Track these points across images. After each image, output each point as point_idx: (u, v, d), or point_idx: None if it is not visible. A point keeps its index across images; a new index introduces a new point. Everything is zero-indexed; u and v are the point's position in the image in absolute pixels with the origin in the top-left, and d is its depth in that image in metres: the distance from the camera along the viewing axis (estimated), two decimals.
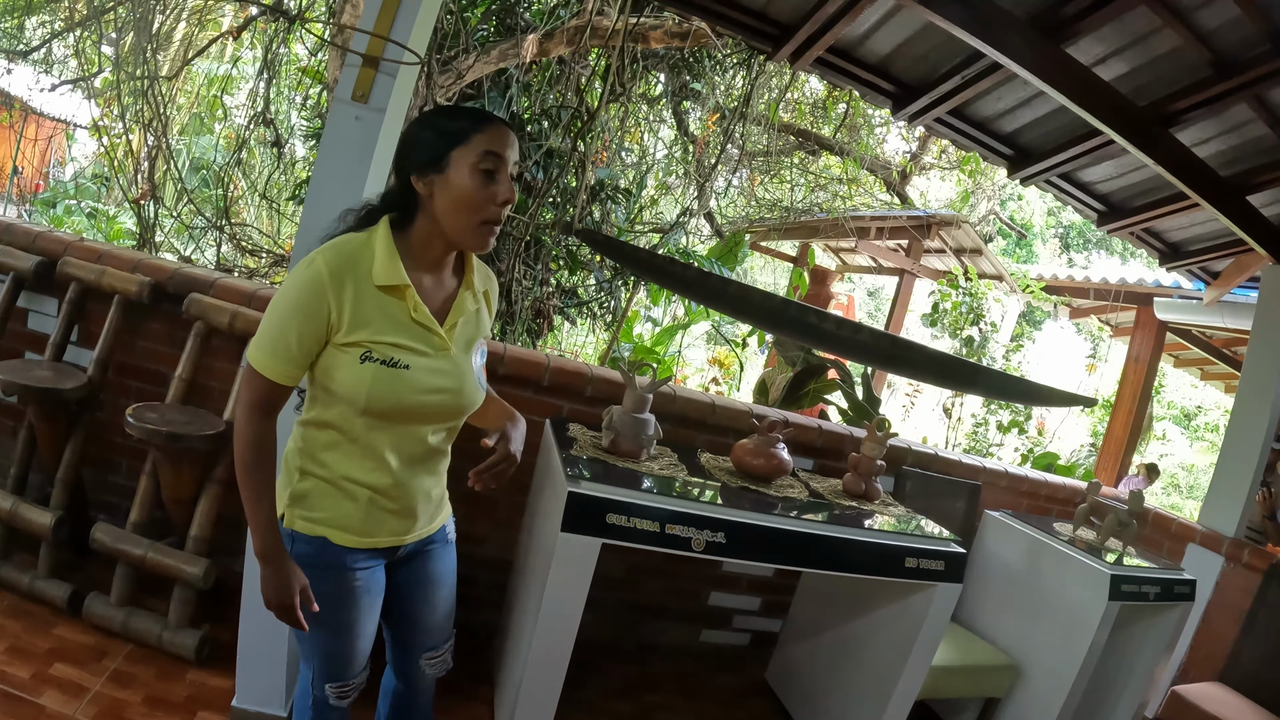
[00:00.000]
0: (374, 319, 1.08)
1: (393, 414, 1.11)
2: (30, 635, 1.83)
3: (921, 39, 2.38)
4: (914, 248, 6.79)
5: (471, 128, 1.08)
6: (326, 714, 1.31)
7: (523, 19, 3.13)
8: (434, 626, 1.34)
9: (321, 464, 1.14)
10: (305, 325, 1.06)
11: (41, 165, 7.15)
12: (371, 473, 1.15)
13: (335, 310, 1.06)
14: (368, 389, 1.07)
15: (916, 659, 1.92)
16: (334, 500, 1.15)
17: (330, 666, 1.24)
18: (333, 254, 1.07)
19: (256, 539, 1.11)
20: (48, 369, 2.03)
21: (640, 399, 1.87)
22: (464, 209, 1.08)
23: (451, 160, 1.07)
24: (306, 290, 1.05)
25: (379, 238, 1.10)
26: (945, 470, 2.74)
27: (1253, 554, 2.71)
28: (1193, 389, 11.33)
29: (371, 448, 1.14)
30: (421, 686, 1.39)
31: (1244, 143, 2.40)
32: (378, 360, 1.08)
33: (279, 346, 1.07)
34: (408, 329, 1.11)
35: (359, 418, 1.11)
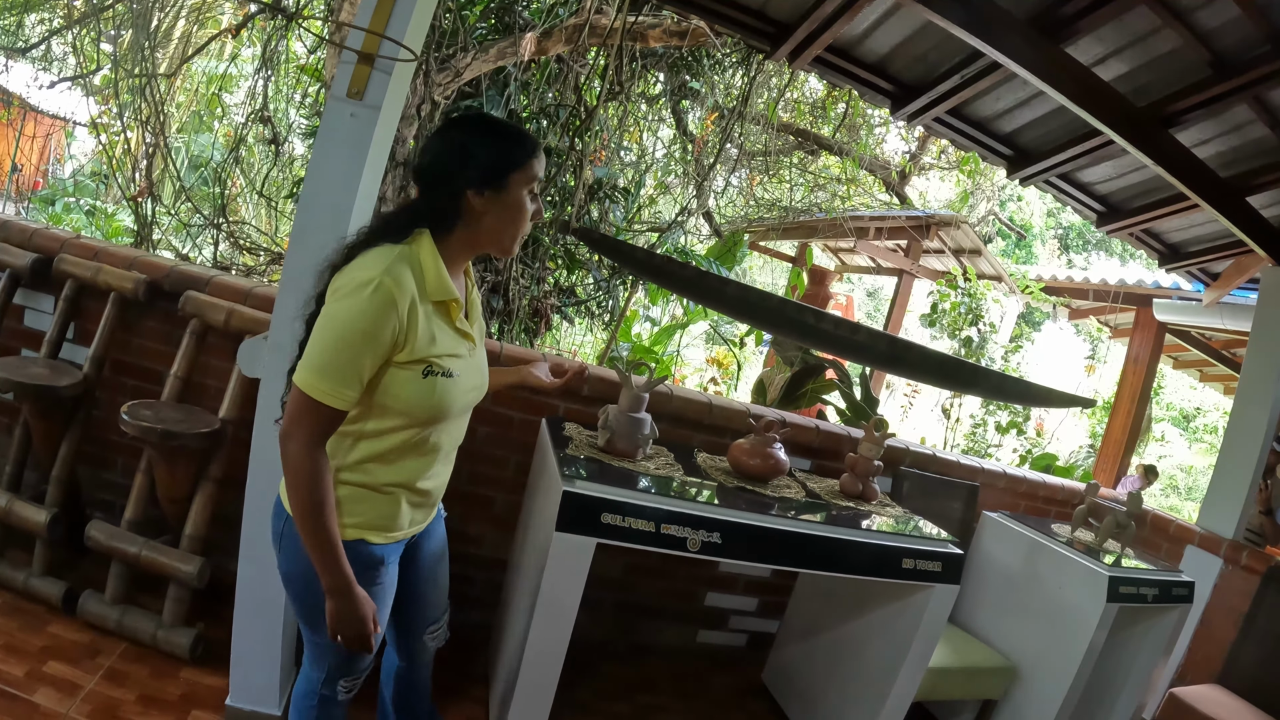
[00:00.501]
0: (432, 335, 1.12)
1: (445, 416, 1.17)
2: (24, 633, 1.83)
3: (920, 38, 2.38)
4: (913, 248, 6.79)
5: (530, 153, 1.16)
6: (331, 711, 1.33)
7: (521, 17, 3.13)
8: (435, 600, 1.44)
9: (361, 471, 1.17)
10: (375, 352, 1.06)
11: (40, 163, 7.14)
12: (413, 474, 1.20)
13: (403, 331, 1.08)
14: (433, 401, 1.12)
15: (913, 660, 1.91)
16: (371, 503, 1.18)
17: (350, 664, 1.28)
18: (395, 275, 1.07)
19: (327, 575, 1.11)
20: (43, 366, 2.03)
21: (636, 398, 1.86)
22: (514, 226, 1.17)
23: (510, 182, 1.14)
24: (379, 316, 1.05)
25: (426, 252, 1.13)
26: (943, 471, 2.73)
27: (1251, 556, 2.70)
28: (1192, 390, 11.33)
29: (417, 450, 1.18)
30: (423, 661, 1.48)
31: (1244, 144, 2.40)
32: (438, 373, 1.12)
33: (349, 374, 1.06)
34: (453, 337, 1.17)
35: (415, 426, 1.15)
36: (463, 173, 1.12)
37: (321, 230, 1.51)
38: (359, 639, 1.15)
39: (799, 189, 5.85)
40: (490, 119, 1.20)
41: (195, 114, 5.90)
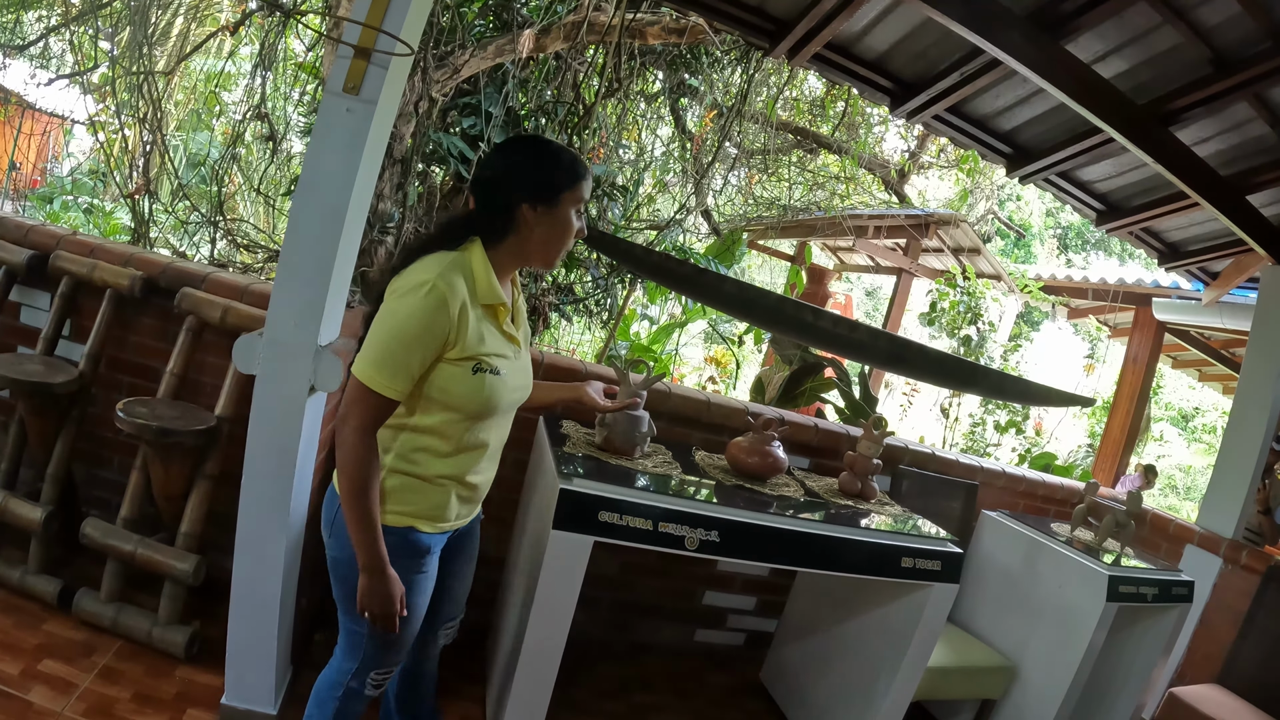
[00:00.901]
0: (481, 335, 1.21)
1: (493, 413, 1.26)
2: (19, 631, 1.82)
3: (920, 35, 2.37)
4: (912, 247, 6.78)
5: (581, 176, 1.27)
6: (355, 705, 1.38)
7: (520, 14, 3.12)
8: (459, 596, 1.52)
9: (413, 462, 1.25)
10: (428, 348, 1.16)
11: (39, 161, 7.13)
12: (462, 467, 1.28)
13: (454, 330, 1.17)
14: (482, 396, 1.21)
15: (912, 660, 1.91)
16: (421, 493, 1.26)
17: (385, 654, 1.34)
18: (448, 279, 1.16)
19: (364, 553, 1.19)
20: (39, 363, 2.02)
21: (634, 396, 1.85)
22: (561, 240, 1.27)
23: (562, 199, 1.24)
24: (432, 315, 1.14)
25: (477, 259, 1.23)
26: (942, 470, 2.72)
27: (1251, 555, 2.70)
28: (1191, 390, 11.33)
29: (467, 445, 1.26)
30: (431, 654, 1.55)
31: (1244, 141, 2.39)
32: (486, 370, 1.21)
33: (400, 368, 1.15)
34: (500, 339, 1.26)
35: (465, 421, 1.23)
36: (520, 188, 1.22)
37: (317, 226, 1.50)
38: (385, 617, 1.23)
39: (798, 187, 5.84)
40: (547, 142, 1.32)
41: (194, 112, 5.89)
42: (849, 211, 6.05)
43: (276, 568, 1.62)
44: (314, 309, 1.51)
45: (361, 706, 1.40)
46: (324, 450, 1.82)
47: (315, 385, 1.54)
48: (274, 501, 1.58)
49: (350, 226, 1.54)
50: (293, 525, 1.63)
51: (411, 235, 2.94)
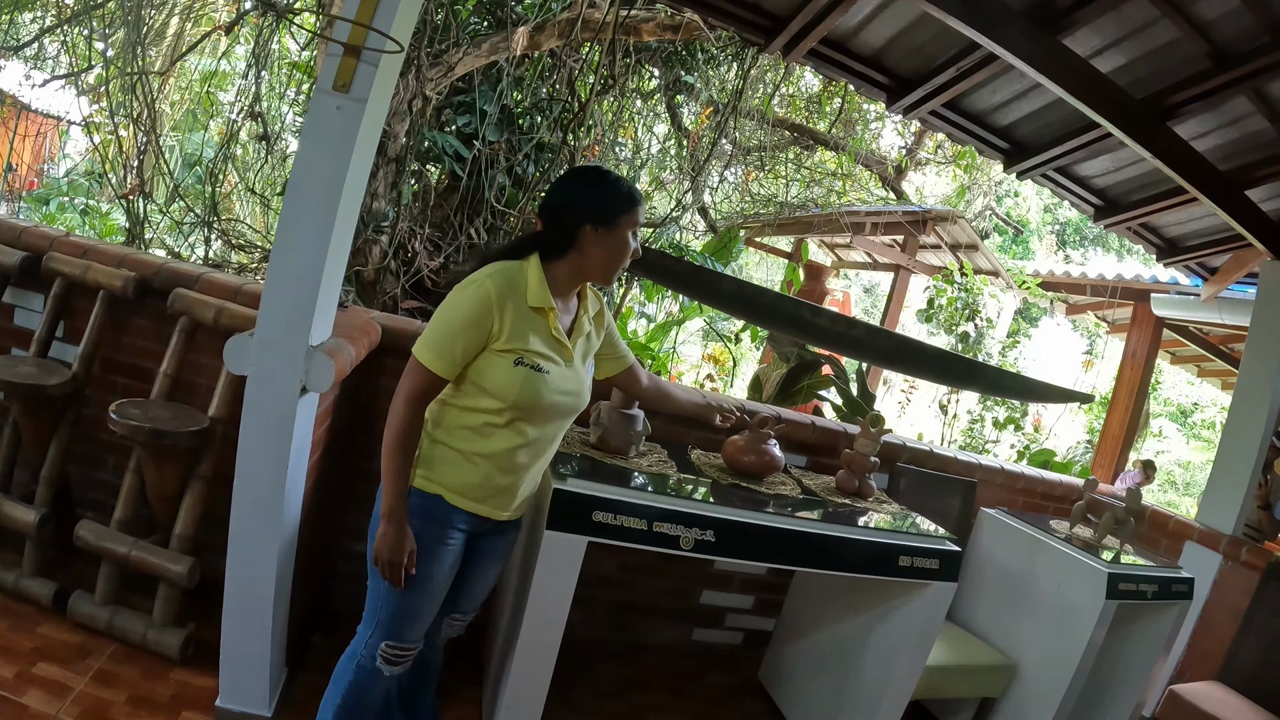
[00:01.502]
0: (526, 332, 1.34)
1: (534, 408, 1.36)
2: (14, 634, 1.81)
3: (916, 30, 2.36)
4: (909, 243, 6.76)
5: (637, 203, 1.41)
6: (369, 681, 1.44)
7: (514, 12, 3.10)
8: (476, 594, 1.58)
9: (455, 437, 1.38)
10: (472, 334, 1.32)
11: (35, 163, 7.10)
12: (500, 453, 1.38)
13: (498, 323, 1.32)
14: (519, 387, 1.32)
15: (911, 659, 1.90)
16: (456, 467, 1.38)
17: (397, 622, 1.42)
18: (499, 279, 1.33)
19: (387, 501, 1.35)
20: (32, 365, 2.01)
21: (629, 396, 1.84)
22: (617, 259, 1.41)
23: (620, 222, 1.38)
24: (479, 307, 1.31)
25: (532, 268, 1.37)
26: (940, 467, 2.71)
27: (1251, 552, 2.69)
28: (1190, 386, 11.31)
29: (508, 433, 1.37)
30: (436, 644, 1.61)
31: (1243, 136, 2.38)
32: (528, 365, 1.33)
33: (444, 349, 1.32)
34: (548, 342, 1.38)
35: (506, 409, 1.35)
36: (583, 211, 1.37)
37: (307, 226, 1.49)
38: (392, 565, 1.35)
39: (795, 184, 5.82)
40: (607, 172, 1.46)
41: (189, 111, 5.87)
42: (846, 208, 6.04)
43: (270, 569, 1.61)
44: (305, 309, 1.50)
45: (376, 687, 1.46)
46: (317, 451, 1.81)
47: (307, 386, 1.53)
48: (266, 503, 1.57)
49: (341, 226, 1.53)
50: (285, 527, 1.62)
51: (406, 233, 2.94)
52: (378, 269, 2.98)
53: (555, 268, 1.40)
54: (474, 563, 1.52)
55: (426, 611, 1.45)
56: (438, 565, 1.42)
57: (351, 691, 1.45)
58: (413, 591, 1.41)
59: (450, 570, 1.45)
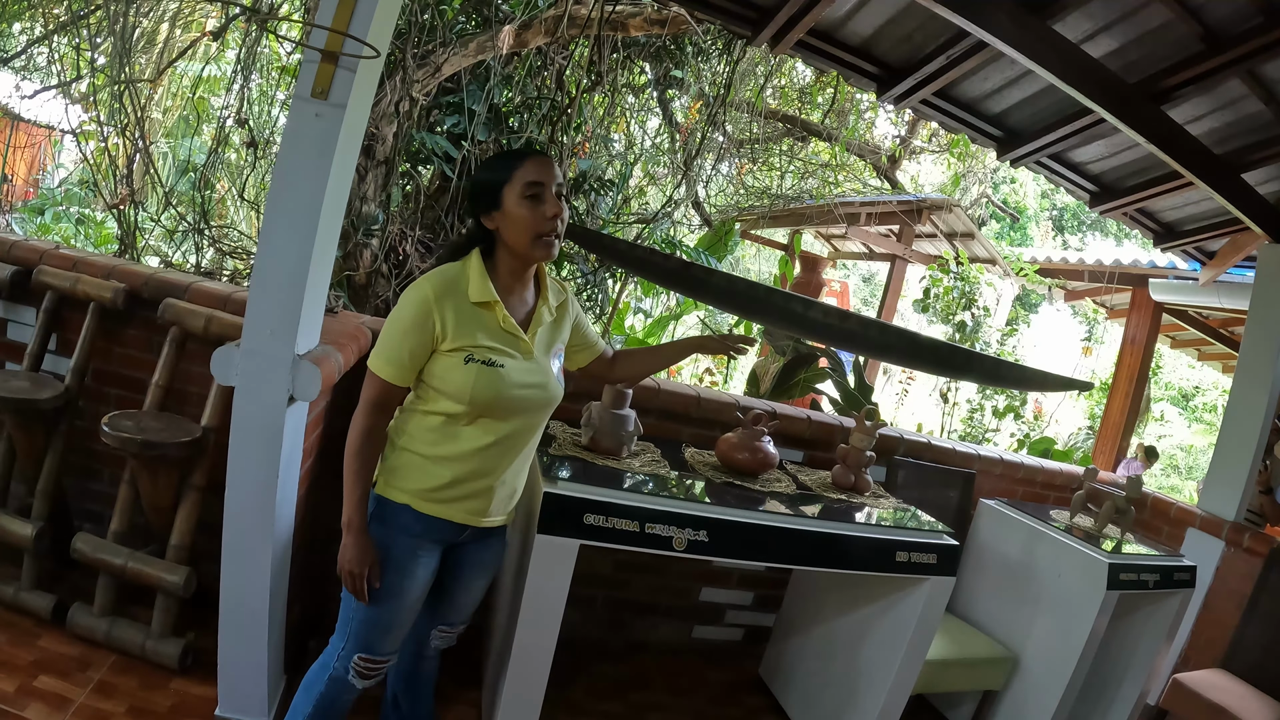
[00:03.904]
0: (472, 329, 1.31)
1: (493, 405, 1.32)
2: (14, 647, 1.81)
3: (904, 19, 2.33)
4: (905, 233, 6.73)
5: (512, 166, 1.32)
6: (339, 692, 1.41)
7: (500, 10, 3.08)
8: (462, 605, 1.54)
9: (418, 441, 1.35)
10: (416, 338, 1.29)
11: (29, 173, 7.10)
12: (464, 455, 1.34)
13: (440, 324, 1.29)
14: (473, 383, 1.29)
15: (911, 653, 1.89)
16: (422, 472, 1.35)
17: (368, 634, 1.39)
18: (437, 280, 1.31)
19: (347, 510, 1.33)
20: (25, 379, 2.00)
21: (619, 394, 1.83)
22: (522, 231, 1.31)
23: (504, 198, 1.31)
24: (418, 310, 1.28)
25: (472, 264, 1.34)
26: (938, 459, 2.70)
27: (1253, 538, 2.67)
28: (1190, 369, 11.26)
29: (469, 433, 1.34)
30: (427, 655, 1.57)
31: (1238, 119, 2.35)
32: (479, 361, 1.30)
33: (392, 355, 1.30)
34: (499, 336, 1.33)
35: (464, 409, 1.31)
36: (475, 205, 1.35)
37: (290, 233, 1.48)
38: (353, 576, 1.33)
39: (789, 176, 5.79)
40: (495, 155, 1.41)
41: (182, 118, 5.86)
42: (841, 199, 6.00)
43: (264, 578, 1.61)
44: (290, 318, 1.49)
45: (346, 697, 1.42)
46: (309, 458, 1.81)
47: (294, 395, 1.52)
48: (259, 512, 1.57)
49: (324, 233, 1.52)
50: (279, 535, 1.62)
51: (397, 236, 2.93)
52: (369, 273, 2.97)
53: (493, 261, 1.37)
54: (455, 574, 1.48)
55: (399, 624, 1.41)
56: (408, 578, 1.38)
57: (322, 703, 1.42)
58: (384, 604, 1.37)
59: (423, 582, 1.41)
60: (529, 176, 1.30)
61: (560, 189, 1.34)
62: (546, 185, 1.31)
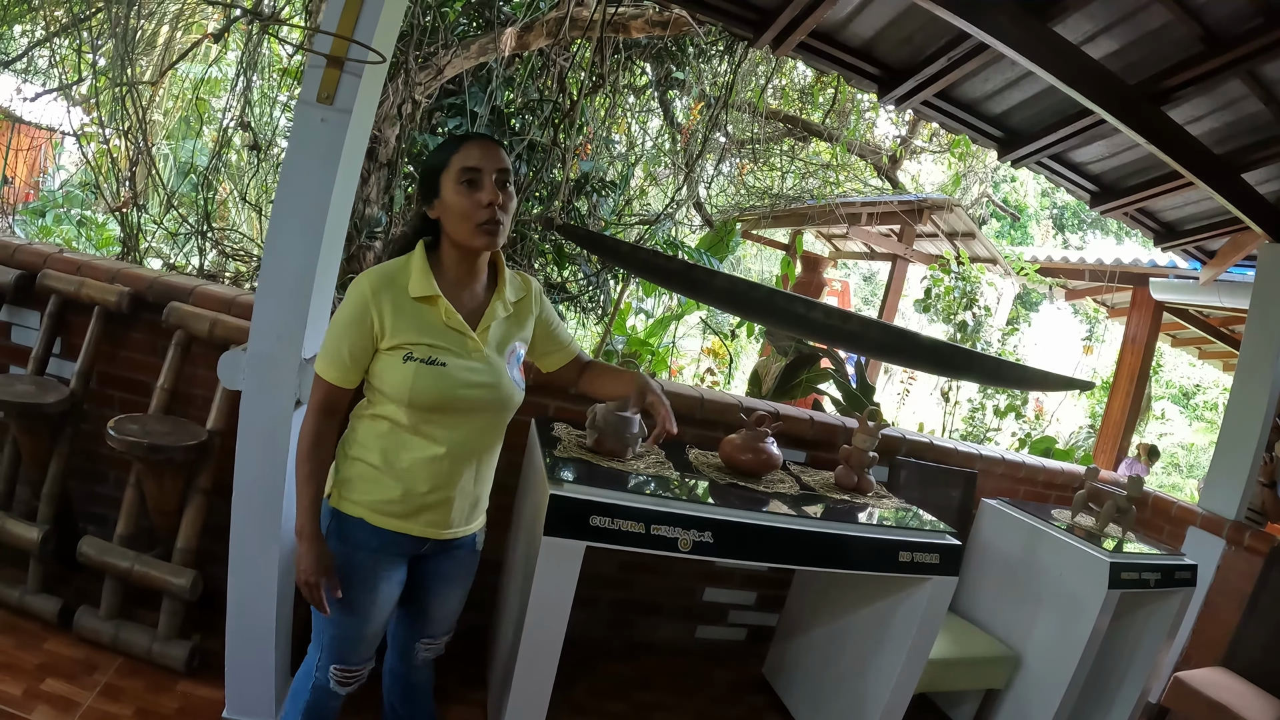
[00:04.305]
0: (411, 325, 1.24)
1: (435, 406, 1.25)
2: (20, 651, 1.82)
3: (906, 20, 2.34)
4: (906, 233, 6.73)
5: (448, 153, 1.26)
6: (325, 699, 1.39)
7: (502, 12, 3.08)
8: (439, 618, 1.48)
9: (370, 451, 1.29)
10: (354, 337, 1.24)
11: (30, 176, 7.10)
12: (415, 463, 1.28)
13: (378, 321, 1.24)
14: (411, 384, 1.22)
15: (913, 652, 1.90)
16: (377, 485, 1.29)
17: (340, 647, 1.36)
18: (375, 275, 1.26)
19: (299, 518, 1.27)
20: (29, 383, 2.01)
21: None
22: (460, 219, 1.25)
23: (441, 185, 1.26)
24: (355, 307, 1.24)
25: (415, 258, 1.29)
26: (940, 459, 2.71)
27: (1254, 537, 2.68)
28: (1191, 367, 11.27)
29: (418, 439, 1.27)
30: (416, 664, 1.52)
31: (1238, 119, 2.36)
32: (418, 359, 1.23)
33: (334, 356, 1.26)
34: (442, 333, 1.26)
35: (407, 411, 1.25)
36: (421, 192, 1.30)
37: (296, 238, 1.49)
38: (307, 586, 1.27)
39: (790, 176, 5.80)
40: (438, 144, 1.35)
41: (183, 120, 5.86)
42: (842, 199, 6.01)
43: (271, 581, 1.62)
44: (296, 321, 1.50)
45: (332, 703, 1.41)
46: None
47: (301, 398, 1.53)
48: (265, 515, 1.58)
49: (330, 237, 1.53)
50: (285, 538, 1.63)
51: None
52: None
53: (438, 254, 1.31)
54: (424, 587, 1.42)
55: (369, 636, 1.37)
56: (372, 593, 1.32)
57: (310, 711, 1.40)
58: (349, 618, 1.33)
59: (389, 596, 1.35)
60: (465, 162, 1.24)
61: (503, 175, 1.26)
62: (483, 171, 1.24)
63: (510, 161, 1.32)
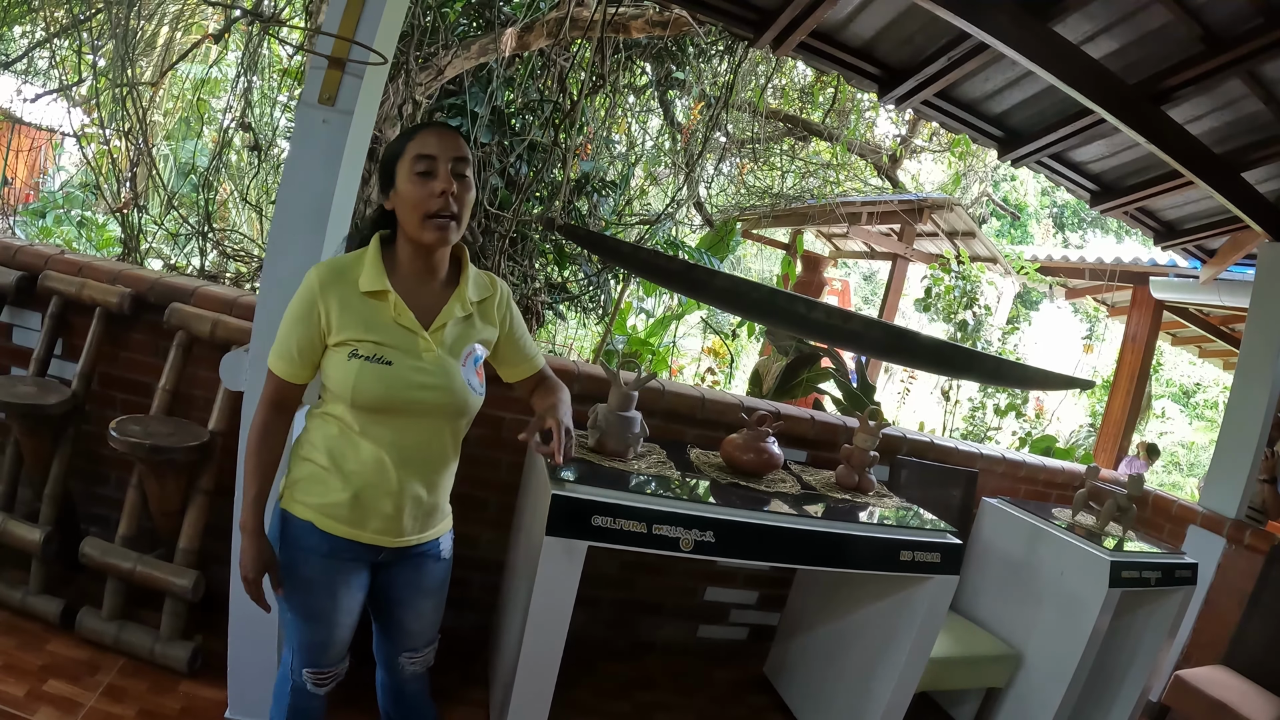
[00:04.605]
0: (359, 321, 1.20)
1: (380, 407, 1.20)
2: (23, 652, 1.82)
3: (906, 20, 2.34)
4: (906, 232, 6.74)
5: (404, 141, 1.21)
6: (304, 700, 1.36)
7: (502, 12, 3.08)
8: (416, 631, 1.40)
9: (320, 452, 1.24)
10: (302, 331, 1.20)
11: (30, 177, 7.11)
12: (363, 465, 1.22)
13: (325, 315, 1.20)
14: (354, 382, 1.18)
15: (914, 651, 1.90)
16: (325, 488, 1.24)
17: (306, 652, 1.32)
18: (324, 269, 1.22)
19: (242, 512, 1.24)
20: (31, 384, 2.01)
21: (626, 397, 1.84)
22: (411, 210, 1.19)
23: (397, 173, 1.21)
24: (302, 301, 1.21)
25: (369, 252, 1.24)
26: (941, 458, 2.71)
27: (1254, 536, 2.68)
28: (1191, 366, 11.27)
29: (366, 442, 1.22)
30: (406, 678, 1.45)
31: (1238, 119, 2.36)
32: (363, 357, 1.18)
33: (283, 350, 1.23)
34: (391, 330, 1.21)
35: (352, 411, 1.21)
36: (379, 182, 1.26)
37: (298, 238, 1.49)
38: (248, 582, 1.25)
39: (790, 175, 5.80)
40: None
41: (183, 120, 5.86)
42: (842, 199, 6.01)
43: None
44: None
45: (313, 704, 1.37)
46: None
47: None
48: (267, 515, 1.57)
49: (332, 239, 1.53)
50: None
51: None
52: None
53: (393, 248, 1.26)
54: (393, 599, 1.35)
55: (335, 641, 1.32)
56: (326, 598, 1.26)
57: (292, 713, 1.37)
58: (312, 624, 1.29)
59: (350, 600, 1.29)
60: (420, 149, 1.18)
61: (460, 164, 1.20)
62: (439, 159, 1.18)
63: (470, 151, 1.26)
